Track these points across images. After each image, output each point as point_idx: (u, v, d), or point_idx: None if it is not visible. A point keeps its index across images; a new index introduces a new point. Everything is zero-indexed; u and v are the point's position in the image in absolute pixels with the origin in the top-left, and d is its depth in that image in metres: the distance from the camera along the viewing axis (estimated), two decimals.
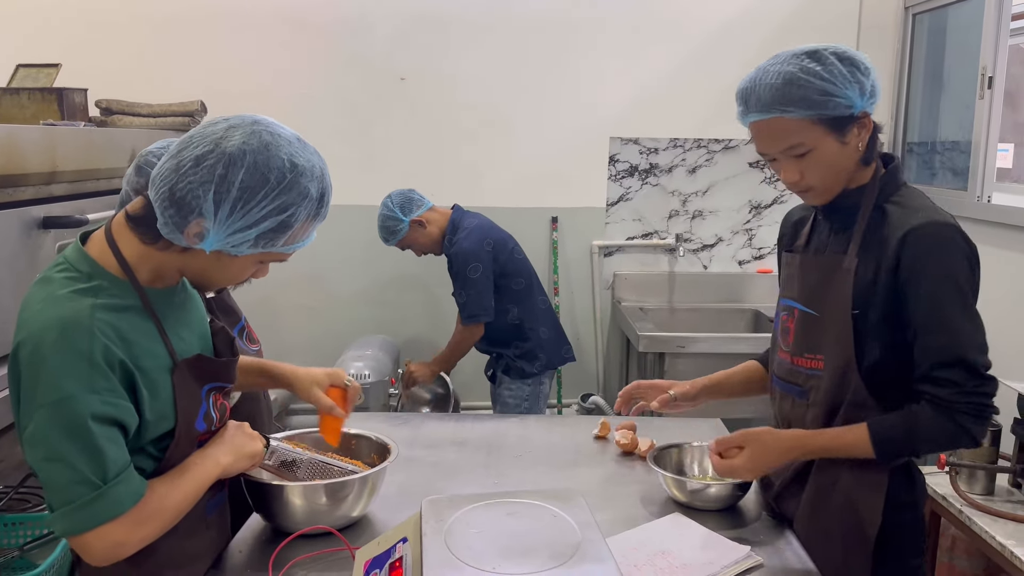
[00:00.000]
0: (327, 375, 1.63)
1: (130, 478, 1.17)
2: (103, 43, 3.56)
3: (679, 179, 3.86)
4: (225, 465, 1.33)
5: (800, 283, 1.58)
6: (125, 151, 2.51)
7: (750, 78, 1.45)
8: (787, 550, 1.49)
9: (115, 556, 1.18)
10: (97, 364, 1.13)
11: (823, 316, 1.51)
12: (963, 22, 3.44)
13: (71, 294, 1.16)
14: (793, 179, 1.47)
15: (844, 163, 1.45)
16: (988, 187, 3.12)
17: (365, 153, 3.74)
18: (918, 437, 1.41)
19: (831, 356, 1.50)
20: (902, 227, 1.41)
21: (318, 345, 3.79)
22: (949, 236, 1.40)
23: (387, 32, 3.69)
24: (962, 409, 1.38)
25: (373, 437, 1.68)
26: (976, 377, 1.38)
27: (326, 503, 1.48)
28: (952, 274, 1.39)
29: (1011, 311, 2.76)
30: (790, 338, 1.59)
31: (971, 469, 2.18)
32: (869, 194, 1.48)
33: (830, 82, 1.38)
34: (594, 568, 1.14)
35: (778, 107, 1.40)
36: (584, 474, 1.83)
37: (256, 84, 3.63)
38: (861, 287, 1.45)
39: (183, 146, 1.18)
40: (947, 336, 1.39)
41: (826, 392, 1.51)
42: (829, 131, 1.41)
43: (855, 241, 1.47)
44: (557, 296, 3.86)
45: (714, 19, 3.74)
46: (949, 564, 2.44)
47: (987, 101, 3.10)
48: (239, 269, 1.27)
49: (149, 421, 1.21)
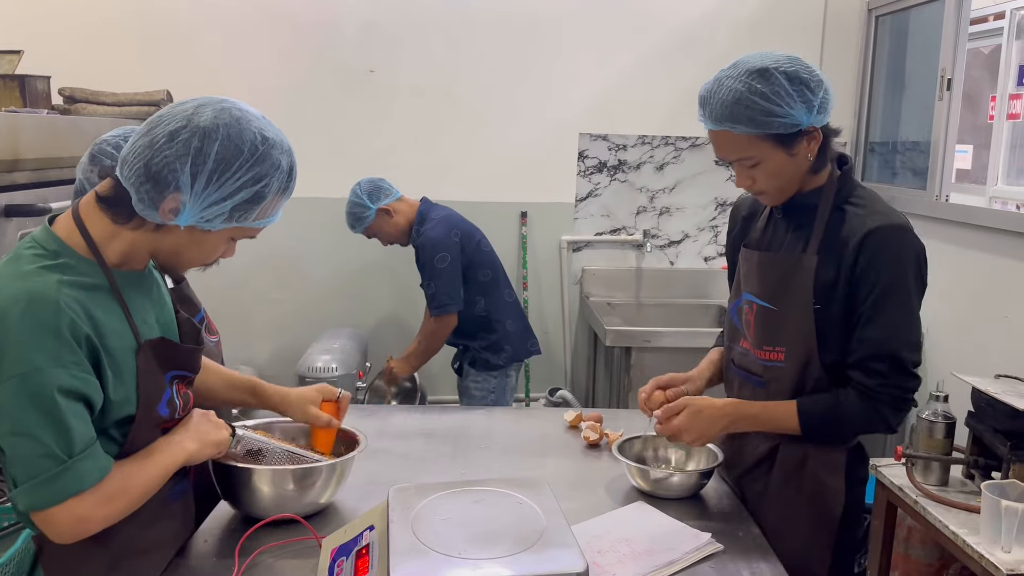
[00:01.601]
0: (317, 391, 1.64)
1: (96, 454, 1.17)
2: (66, 31, 3.49)
3: (647, 176, 3.89)
4: (190, 452, 1.33)
5: (760, 279, 1.64)
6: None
7: (707, 88, 1.52)
8: (747, 537, 1.53)
9: (79, 532, 1.18)
10: (64, 338, 1.13)
11: (783, 311, 1.59)
12: (924, 24, 3.52)
13: (38, 269, 1.16)
14: (745, 184, 1.57)
15: (793, 172, 1.54)
16: (947, 187, 3.19)
17: (333, 145, 3.72)
18: (840, 418, 1.54)
19: (793, 349, 1.58)
20: (861, 228, 1.50)
21: (284, 337, 3.77)
22: (904, 238, 1.50)
23: (356, 24, 3.67)
24: (884, 399, 1.51)
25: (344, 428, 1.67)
26: (903, 372, 1.51)
27: (294, 489, 1.49)
28: (903, 275, 1.49)
29: (967, 308, 2.83)
30: (751, 331, 1.66)
31: (927, 460, 2.23)
32: (827, 195, 1.57)
33: (774, 103, 1.45)
34: (559, 553, 1.16)
35: (728, 123, 1.48)
36: (550, 464, 1.85)
37: (222, 75, 3.60)
38: (821, 284, 1.53)
39: (153, 124, 1.20)
40: (885, 331, 1.50)
41: (787, 382, 1.59)
42: (776, 145, 1.49)
43: (815, 239, 1.55)
44: (526, 291, 3.88)
45: (681, 18, 3.78)
46: (904, 554, 2.50)
47: (946, 102, 3.17)
48: (211, 247, 1.27)
49: (113, 402, 1.21)
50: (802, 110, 1.47)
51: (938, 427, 2.21)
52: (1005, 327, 2.69)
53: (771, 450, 1.66)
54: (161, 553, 1.38)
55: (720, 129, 1.50)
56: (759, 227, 1.71)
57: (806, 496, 1.59)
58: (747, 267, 1.69)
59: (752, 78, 1.46)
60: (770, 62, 1.47)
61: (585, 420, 2.03)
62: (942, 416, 2.21)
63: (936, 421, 2.20)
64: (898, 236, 1.50)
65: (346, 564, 1.23)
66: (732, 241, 1.83)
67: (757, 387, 1.66)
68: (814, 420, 1.55)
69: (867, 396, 1.51)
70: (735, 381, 1.74)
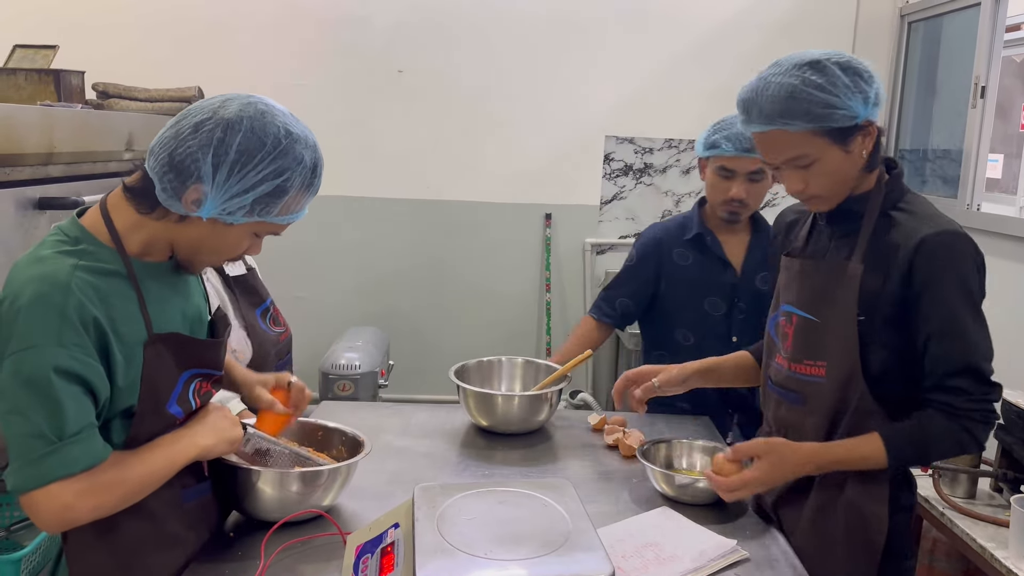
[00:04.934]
0: (275, 378, 1.63)
1: (91, 439, 1.14)
2: (101, 26, 3.54)
3: (673, 179, 3.88)
4: (204, 447, 1.30)
5: (800, 288, 1.55)
6: (122, 135, 2.51)
7: (751, 87, 1.43)
8: (773, 545, 1.51)
9: (64, 521, 1.14)
10: (69, 319, 1.12)
11: (825, 322, 1.49)
12: (957, 31, 3.48)
13: (55, 254, 1.17)
14: (797, 188, 1.47)
15: (848, 171, 1.44)
16: (978, 196, 3.15)
17: (361, 145, 3.74)
18: (930, 445, 1.43)
19: (835, 363, 1.48)
20: (914, 235, 1.40)
21: (307, 335, 3.78)
22: (962, 245, 1.41)
23: (385, 24, 3.69)
24: (973, 416, 1.40)
25: (348, 432, 1.65)
26: (984, 384, 1.41)
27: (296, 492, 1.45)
28: (966, 283, 1.40)
29: (999, 319, 2.78)
30: (788, 344, 1.56)
31: (954, 473, 2.21)
32: (874, 200, 1.47)
33: (833, 94, 1.36)
34: (584, 556, 1.15)
35: (780, 120, 1.38)
36: (574, 466, 1.85)
37: (253, 73, 3.63)
38: (867, 293, 1.44)
39: (181, 117, 1.21)
40: (960, 344, 1.40)
41: (828, 399, 1.49)
42: (833, 142, 1.40)
43: (860, 247, 1.46)
44: (549, 292, 3.87)
45: (710, 21, 3.76)
46: (929, 566, 2.47)
47: (979, 110, 3.13)
48: (233, 241, 1.27)
49: (121, 388, 1.19)
50: (859, 102, 1.38)
51: None
52: None
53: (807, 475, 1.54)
54: (176, 552, 1.34)
55: (771, 129, 1.40)
56: (802, 235, 1.62)
57: (843, 524, 1.48)
58: (787, 276, 1.59)
59: (804, 71, 1.37)
60: (819, 55, 1.39)
61: (607, 428, 2.02)
62: None
63: None
64: (956, 243, 1.40)
65: (371, 561, 1.23)
66: (774, 252, 1.73)
67: (794, 404, 1.55)
68: (903, 454, 1.43)
69: (954, 415, 1.40)
70: (771, 399, 1.63)
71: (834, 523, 1.49)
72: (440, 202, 3.81)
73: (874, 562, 1.46)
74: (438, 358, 3.31)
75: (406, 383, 3.78)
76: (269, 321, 1.97)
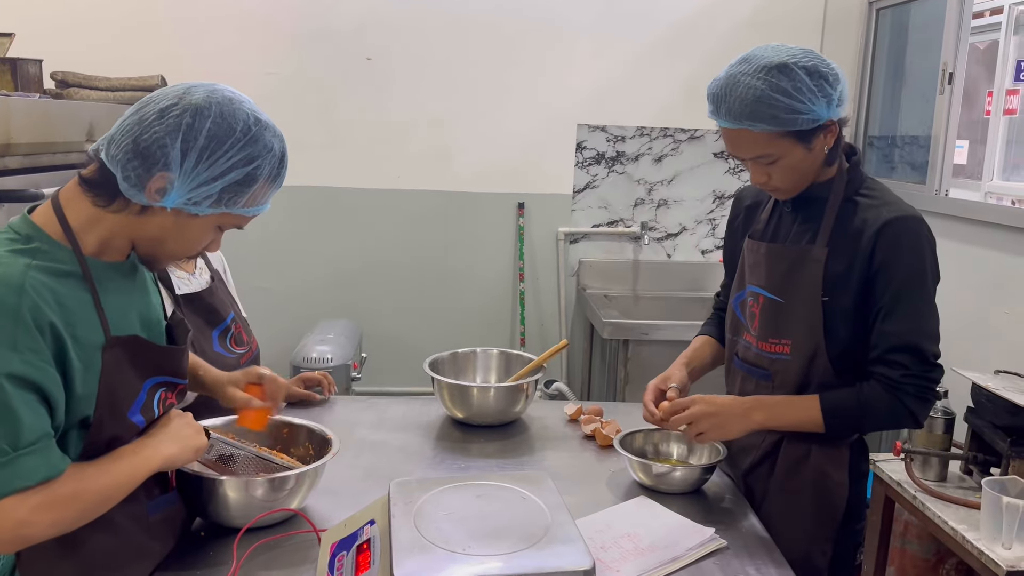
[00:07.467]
0: (243, 374, 1.60)
1: (47, 450, 1.07)
2: (58, 14, 3.44)
3: (645, 168, 3.87)
4: (168, 456, 1.24)
5: (767, 271, 1.62)
6: (82, 125, 2.44)
7: (720, 84, 1.48)
8: (751, 532, 1.52)
9: (19, 538, 1.07)
10: (23, 322, 1.05)
11: (790, 303, 1.58)
12: (925, 18, 3.50)
13: (7, 253, 1.11)
14: (761, 181, 1.55)
15: (810, 166, 1.53)
16: (946, 182, 3.18)
17: (329, 133, 3.68)
18: (865, 413, 1.52)
19: (799, 341, 1.57)
20: (876, 220, 1.49)
21: (277, 329, 3.73)
22: (921, 230, 1.49)
23: (354, 10, 3.63)
24: (909, 391, 1.49)
25: (315, 428, 1.60)
26: (925, 363, 1.49)
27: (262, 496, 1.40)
28: (922, 266, 1.49)
29: (967, 303, 2.82)
30: (756, 324, 1.64)
31: (925, 456, 2.23)
32: (837, 187, 1.56)
33: (798, 100, 1.43)
34: (564, 549, 1.14)
35: (747, 121, 1.45)
36: (551, 457, 1.84)
37: (218, 61, 3.55)
38: (831, 276, 1.52)
39: (144, 104, 1.16)
40: (907, 323, 1.49)
41: (794, 375, 1.58)
42: (796, 142, 1.47)
43: (824, 232, 1.54)
44: (522, 282, 3.86)
45: (682, 9, 3.75)
46: (901, 549, 2.50)
47: (947, 97, 3.16)
48: (196, 234, 1.22)
49: (79, 397, 1.13)
50: (823, 105, 1.45)
51: (937, 423, 2.21)
52: (1005, 322, 2.68)
53: (774, 445, 1.65)
54: (143, 565, 1.29)
55: (738, 128, 1.47)
56: (763, 218, 1.70)
57: (809, 490, 1.59)
58: (753, 258, 1.67)
59: (772, 75, 1.42)
60: (787, 56, 1.44)
61: (585, 413, 2.02)
62: (941, 411, 2.21)
63: (935, 416, 2.20)
64: (915, 228, 1.49)
65: (347, 559, 1.21)
66: (733, 231, 1.81)
67: (762, 380, 1.64)
68: (838, 418, 1.53)
69: (891, 388, 1.49)
70: (738, 375, 1.72)
71: (797, 489, 1.60)
72: (411, 192, 3.76)
73: (834, 525, 1.58)
74: (412, 350, 3.28)
75: (380, 376, 3.74)
76: (230, 342, 1.87)
